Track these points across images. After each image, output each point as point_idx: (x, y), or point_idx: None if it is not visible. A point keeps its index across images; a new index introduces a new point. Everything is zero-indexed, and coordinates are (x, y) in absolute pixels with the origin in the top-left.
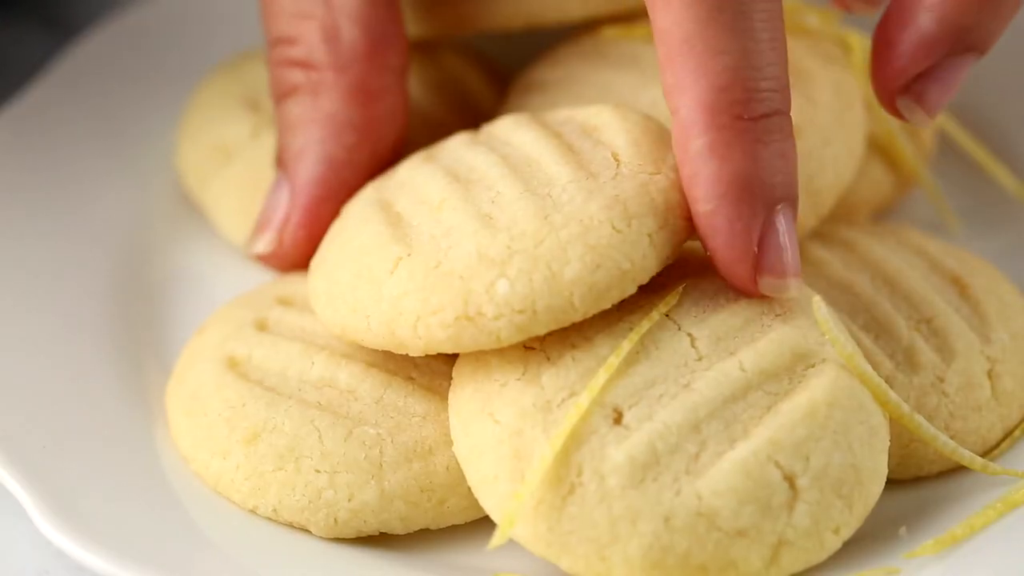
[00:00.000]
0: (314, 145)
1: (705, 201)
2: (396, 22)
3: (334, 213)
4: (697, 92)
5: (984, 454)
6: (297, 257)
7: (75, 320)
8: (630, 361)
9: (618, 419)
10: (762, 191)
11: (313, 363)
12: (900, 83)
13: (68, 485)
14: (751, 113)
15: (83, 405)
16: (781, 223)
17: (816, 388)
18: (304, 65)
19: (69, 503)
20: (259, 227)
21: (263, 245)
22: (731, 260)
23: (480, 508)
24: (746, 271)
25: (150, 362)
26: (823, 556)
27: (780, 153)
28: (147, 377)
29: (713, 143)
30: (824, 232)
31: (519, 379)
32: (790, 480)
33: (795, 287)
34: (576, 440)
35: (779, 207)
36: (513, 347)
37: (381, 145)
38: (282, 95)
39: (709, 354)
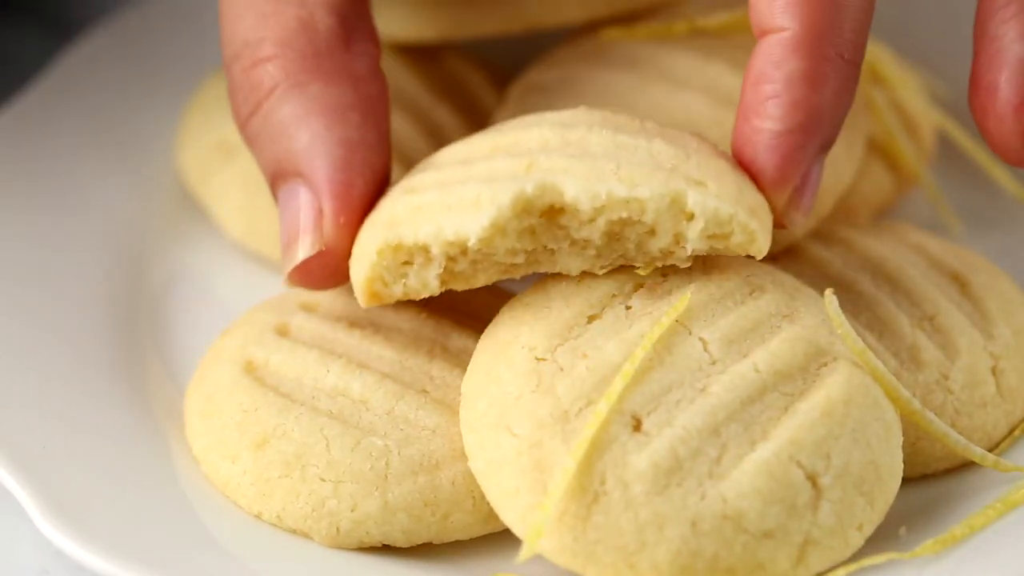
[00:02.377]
0: (323, 134)
1: (778, 122)
2: (367, 14)
3: (365, 196)
4: (813, 17)
5: (990, 451)
6: (345, 250)
7: (75, 320)
8: (645, 368)
9: (637, 426)
10: (825, 134)
11: (328, 371)
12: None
13: (68, 485)
14: (850, 55)
15: (84, 405)
16: (819, 168)
17: (832, 386)
18: (279, 58)
19: (69, 503)
20: (288, 243)
21: (304, 250)
22: (775, 184)
23: (484, 525)
24: (783, 200)
25: (152, 362)
26: (847, 554)
27: (848, 102)
28: (148, 377)
29: (812, 71)
30: (824, 232)
31: (534, 391)
32: (813, 479)
33: (802, 228)
34: (597, 449)
35: (824, 153)
36: (524, 358)
37: (381, 125)
38: (259, 100)
39: (722, 357)
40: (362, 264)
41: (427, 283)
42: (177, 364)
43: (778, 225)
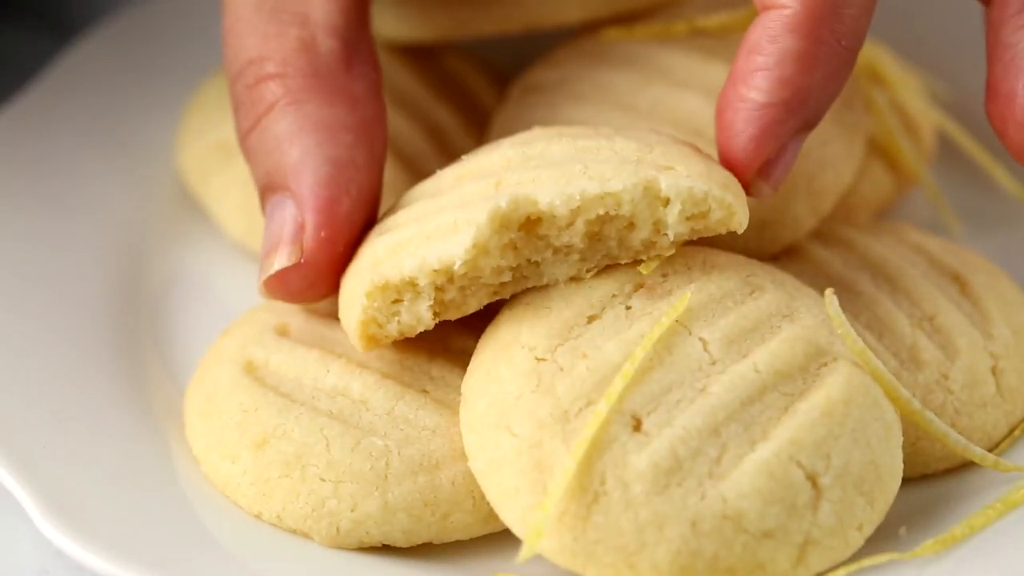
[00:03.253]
0: (313, 151)
1: (763, 94)
2: (368, 38)
3: (350, 214)
4: None
5: (990, 451)
6: (323, 264)
7: (76, 320)
8: (645, 368)
9: (637, 426)
10: (808, 114)
11: (328, 371)
12: None
13: (68, 485)
14: (847, 41)
15: (84, 405)
16: (797, 145)
17: (832, 386)
18: (281, 76)
19: (69, 503)
20: (267, 253)
21: (280, 260)
22: (745, 155)
23: (484, 525)
24: (750, 170)
25: (152, 362)
26: (847, 554)
27: (838, 87)
28: (149, 377)
29: (805, 52)
30: (824, 232)
31: (534, 391)
32: (812, 479)
33: (769, 197)
34: (597, 449)
35: (804, 133)
36: (524, 359)
37: (376, 147)
38: (259, 115)
39: (722, 357)
40: (352, 310)
41: (420, 317)
42: (177, 364)
43: (746, 193)
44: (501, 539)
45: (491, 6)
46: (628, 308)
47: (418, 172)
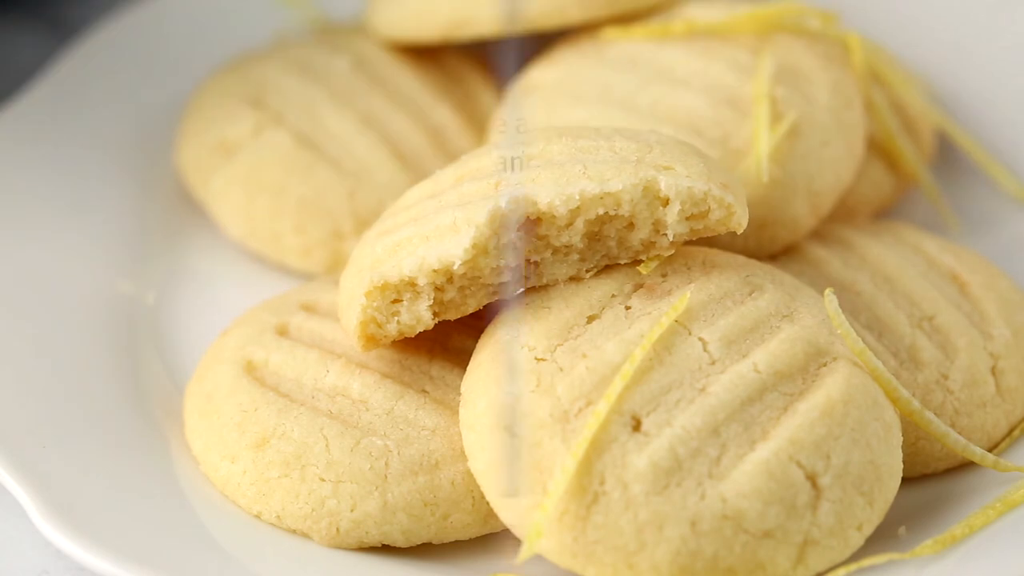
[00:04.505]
0: None
1: None
2: None
3: None
4: None
5: (989, 451)
6: None
7: (75, 319)
8: (644, 368)
9: (637, 426)
10: None
11: (328, 371)
12: None
13: (68, 485)
14: None
15: (84, 405)
16: None
17: (831, 386)
18: None
19: (69, 503)
20: None
21: None
22: None
23: (484, 525)
24: None
25: (152, 361)
26: (847, 554)
27: None
28: (148, 377)
29: None
30: (823, 232)
31: (533, 391)
32: (812, 479)
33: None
34: (597, 449)
35: None
36: (524, 359)
37: None
38: None
39: (722, 357)
40: (352, 310)
41: (420, 317)
42: (177, 364)
43: None
44: (501, 539)
45: (491, 7)
46: (628, 308)
47: (418, 172)
